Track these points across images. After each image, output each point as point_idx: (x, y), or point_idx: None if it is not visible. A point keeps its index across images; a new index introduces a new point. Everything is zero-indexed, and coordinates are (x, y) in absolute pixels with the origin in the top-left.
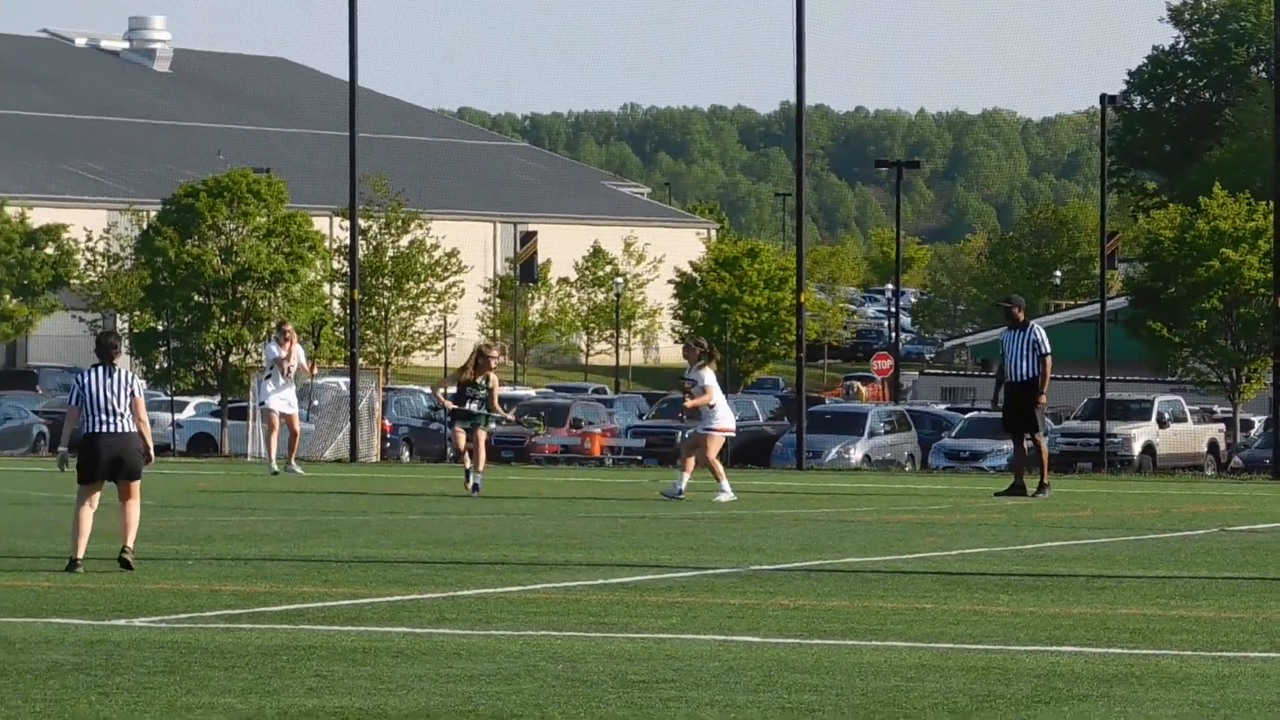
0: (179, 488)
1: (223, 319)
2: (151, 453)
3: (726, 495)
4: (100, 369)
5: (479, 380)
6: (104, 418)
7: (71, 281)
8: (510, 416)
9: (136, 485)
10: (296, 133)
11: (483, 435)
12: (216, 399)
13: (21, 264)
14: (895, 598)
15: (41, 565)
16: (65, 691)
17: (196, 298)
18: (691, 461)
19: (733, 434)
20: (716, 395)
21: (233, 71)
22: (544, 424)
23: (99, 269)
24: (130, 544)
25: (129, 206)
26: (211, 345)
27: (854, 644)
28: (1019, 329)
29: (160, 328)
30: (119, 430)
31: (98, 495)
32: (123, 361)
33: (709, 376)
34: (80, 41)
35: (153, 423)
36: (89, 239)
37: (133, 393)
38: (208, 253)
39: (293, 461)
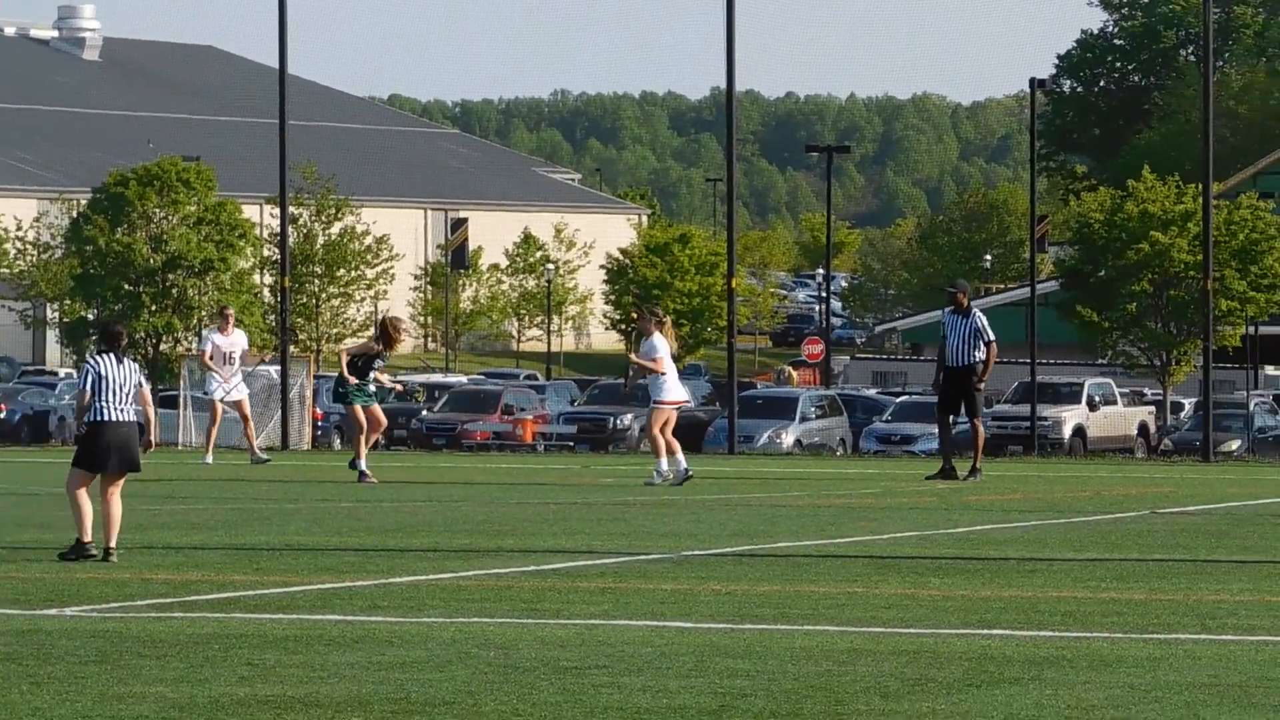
0: None
1: (153, 307)
2: (154, 439)
3: (659, 478)
4: (111, 356)
5: (385, 354)
6: (113, 406)
7: (1, 270)
8: (399, 387)
9: (123, 480)
10: (227, 120)
11: (380, 415)
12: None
13: None
14: (827, 582)
15: None
16: None
17: (126, 286)
18: (661, 441)
19: (686, 405)
20: (667, 365)
21: (163, 60)
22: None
23: (29, 258)
24: (114, 543)
25: (59, 195)
26: (142, 334)
27: (786, 629)
28: (961, 314)
29: (90, 316)
30: (126, 420)
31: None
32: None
33: (661, 346)
34: (9, 30)
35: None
36: (18, 228)
37: (139, 382)
38: (138, 241)
39: (256, 449)
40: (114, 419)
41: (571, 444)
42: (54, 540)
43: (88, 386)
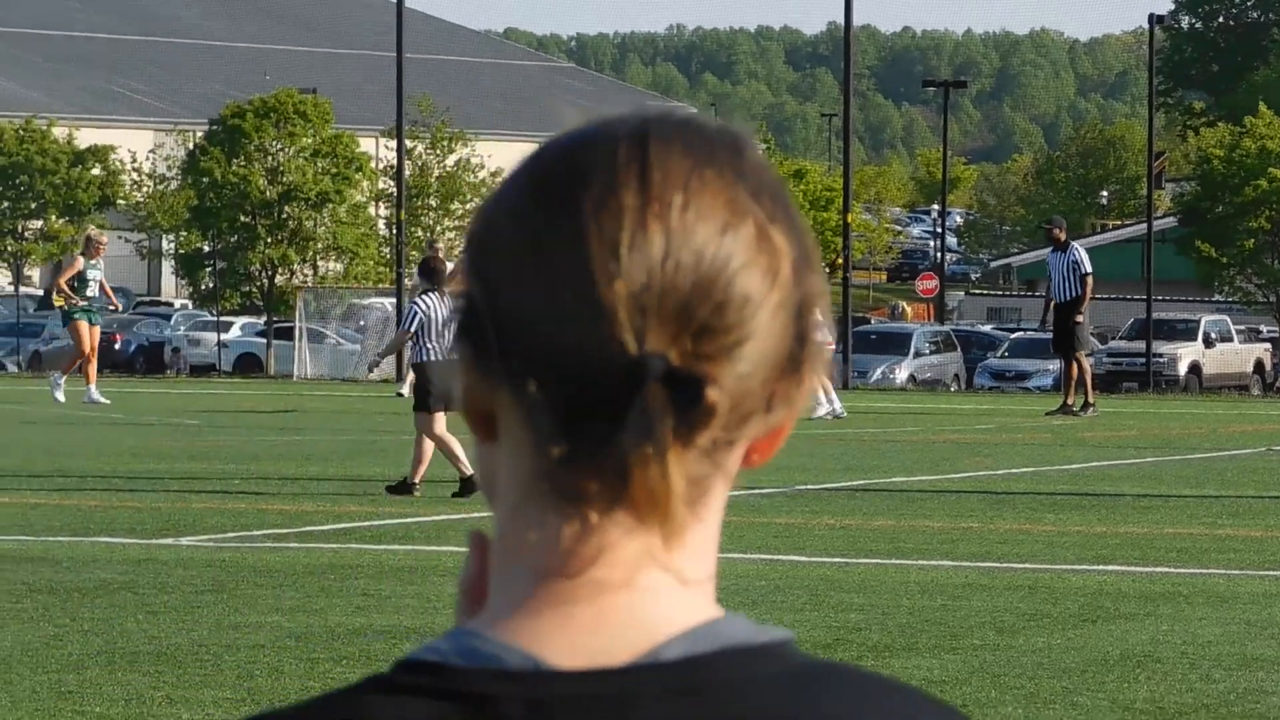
0: (225, 407)
1: (268, 240)
2: None
3: (826, 409)
4: (434, 295)
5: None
6: (435, 346)
7: (118, 202)
8: None
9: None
10: (343, 53)
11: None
12: (262, 319)
13: (68, 184)
14: (941, 517)
15: (88, 485)
16: (113, 610)
17: (242, 218)
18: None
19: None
20: None
21: None
22: None
23: (145, 190)
24: (419, 478)
25: (175, 127)
26: (257, 266)
27: (900, 563)
28: (1060, 250)
29: (206, 248)
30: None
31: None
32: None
33: None
34: None
35: (198, 343)
36: (135, 160)
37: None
38: (254, 173)
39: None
40: (438, 359)
41: None
42: (168, 470)
43: (412, 328)
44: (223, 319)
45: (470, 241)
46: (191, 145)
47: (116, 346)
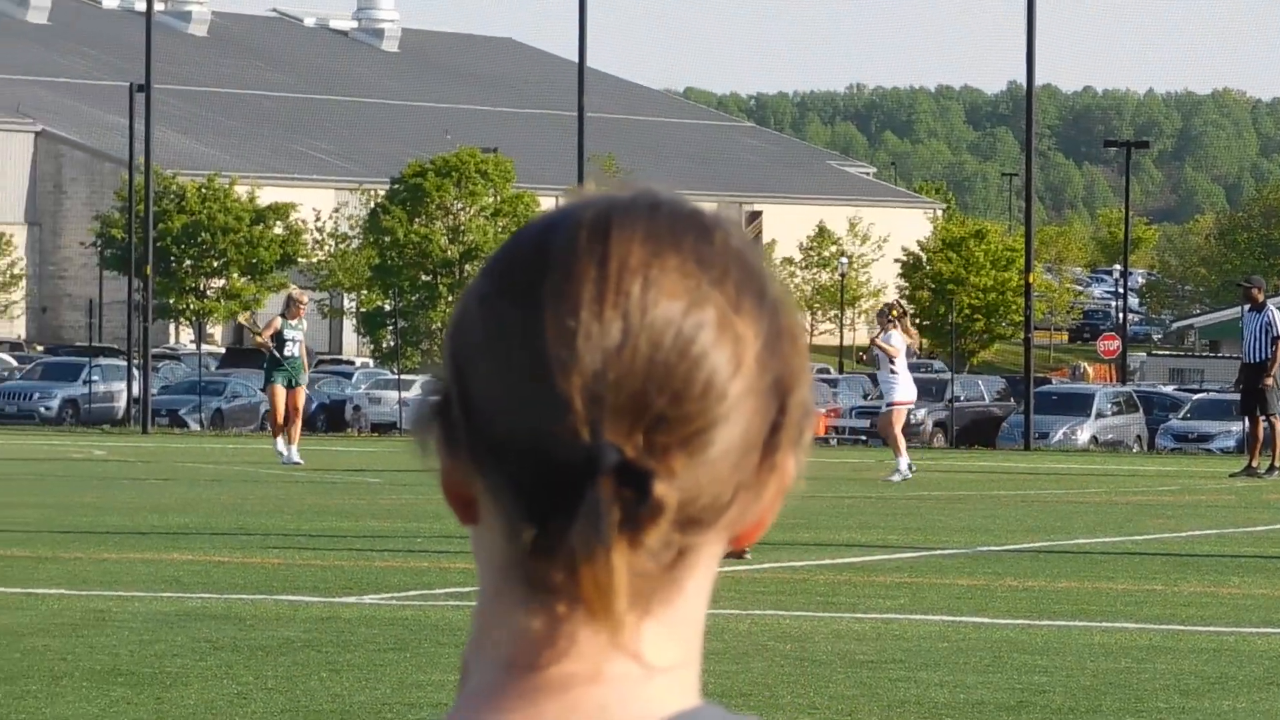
0: (407, 465)
1: (449, 298)
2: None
3: (900, 475)
4: None
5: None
6: None
7: (299, 260)
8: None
9: None
10: (524, 113)
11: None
12: None
13: (250, 242)
14: (1125, 579)
15: (271, 543)
16: (296, 668)
17: (423, 277)
18: (901, 439)
19: (912, 405)
20: (900, 363)
21: (461, 51)
22: None
23: (326, 248)
24: None
25: (357, 186)
26: (438, 324)
27: (1084, 625)
28: (1257, 310)
29: (387, 307)
30: None
31: None
32: None
33: (897, 339)
34: (309, 21)
35: (379, 401)
36: (317, 218)
37: None
38: (435, 232)
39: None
40: None
41: (864, 437)
42: (351, 529)
43: None
44: (404, 377)
45: (449, 325)
46: (373, 204)
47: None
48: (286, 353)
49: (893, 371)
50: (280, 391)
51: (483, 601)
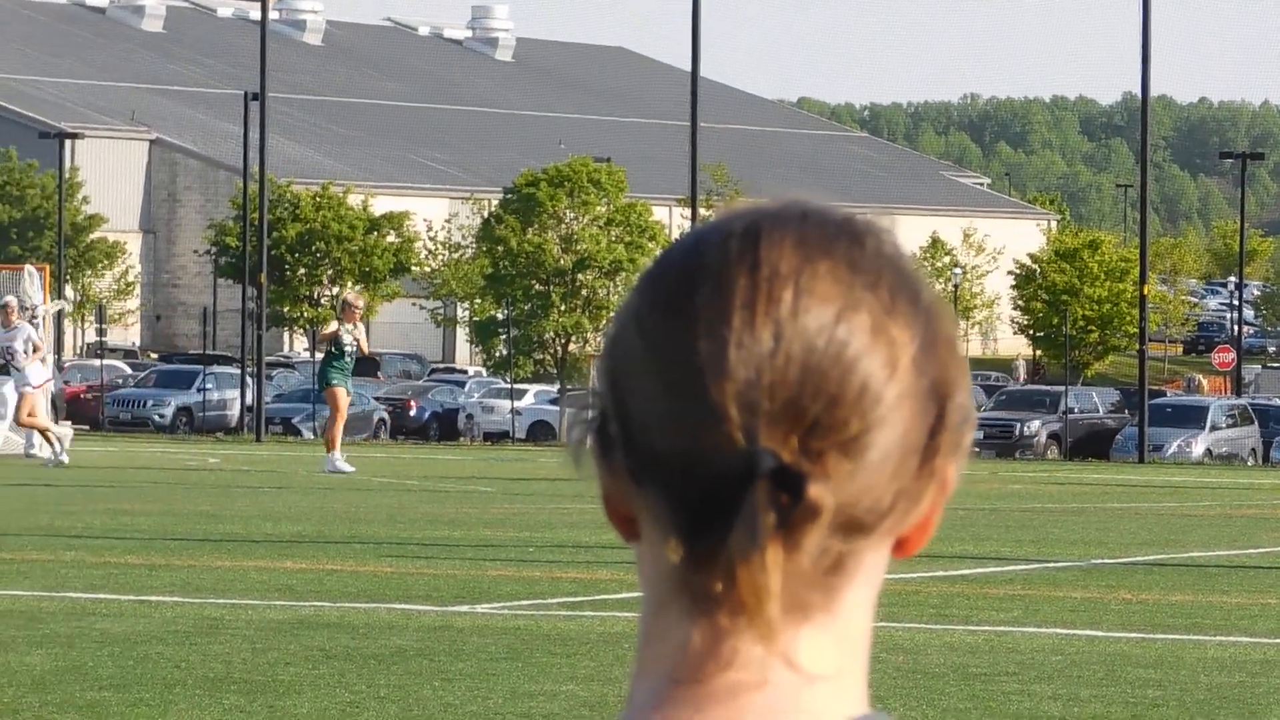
0: (519, 475)
1: (562, 307)
2: None
3: None
4: None
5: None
6: None
7: (412, 269)
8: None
9: None
10: (637, 122)
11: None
12: (556, 386)
13: (364, 251)
14: (1239, 593)
15: (384, 551)
16: (409, 677)
17: (537, 286)
18: None
19: None
20: None
21: (574, 61)
22: None
23: (439, 257)
24: None
25: (470, 195)
26: (551, 334)
27: (1198, 639)
28: None
29: (500, 316)
30: None
31: None
32: None
33: None
34: (423, 30)
35: (492, 410)
36: (430, 228)
37: None
38: (548, 242)
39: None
40: None
41: (977, 449)
42: (464, 538)
43: None
44: (516, 386)
45: (604, 342)
46: (486, 213)
47: (411, 413)
48: (346, 357)
49: None
50: (341, 394)
51: (646, 616)
